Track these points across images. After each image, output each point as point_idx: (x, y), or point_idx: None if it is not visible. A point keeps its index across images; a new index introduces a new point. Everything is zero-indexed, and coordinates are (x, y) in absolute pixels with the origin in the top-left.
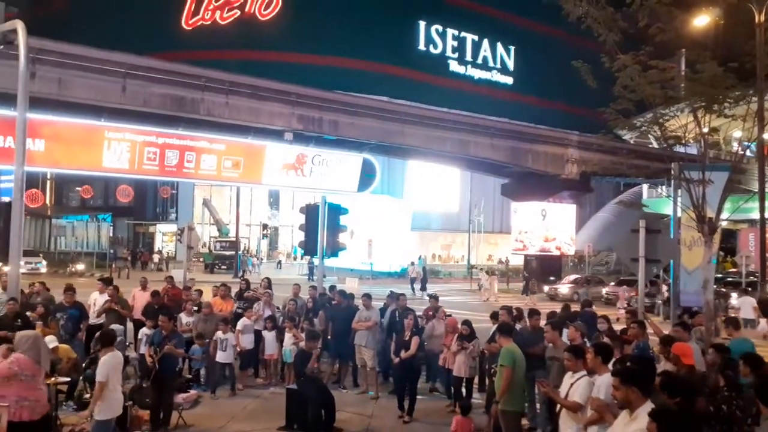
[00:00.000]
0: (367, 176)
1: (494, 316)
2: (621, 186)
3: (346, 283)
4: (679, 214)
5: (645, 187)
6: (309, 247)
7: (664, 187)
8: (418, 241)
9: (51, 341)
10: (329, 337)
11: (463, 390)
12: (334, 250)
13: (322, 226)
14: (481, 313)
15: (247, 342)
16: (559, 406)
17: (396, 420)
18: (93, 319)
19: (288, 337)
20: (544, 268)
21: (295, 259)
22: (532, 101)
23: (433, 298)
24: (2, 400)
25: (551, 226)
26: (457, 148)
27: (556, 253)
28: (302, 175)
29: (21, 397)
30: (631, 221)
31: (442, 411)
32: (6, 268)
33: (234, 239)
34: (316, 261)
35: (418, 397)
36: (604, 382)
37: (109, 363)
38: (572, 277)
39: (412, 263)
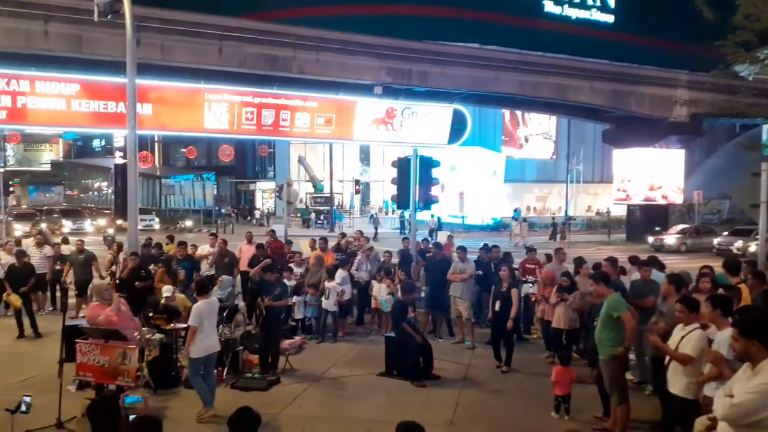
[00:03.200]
0: (457, 128)
1: (596, 267)
2: (737, 128)
3: (438, 236)
4: None
5: (765, 128)
6: (401, 200)
7: None
8: (511, 193)
9: (167, 291)
10: (423, 288)
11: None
12: (427, 203)
13: (414, 179)
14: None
15: (346, 292)
16: (668, 359)
17: (493, 369)
18: (206, 271)
19: (383, 288)
20: (648, 218)
21: (387, 213)
22: (635, 40)
23: (531, 250)
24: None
25: (657, 173)
26: (553, 94)
27: (662, 202)
28: (392, 129)
29: None
30: (749, 165)
31: (540, 362)
32: (109, 230)
33: (328, 195)
34: (407, 214)
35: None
36: (724, 337)
37: (201, 309)
38: (680, 227)
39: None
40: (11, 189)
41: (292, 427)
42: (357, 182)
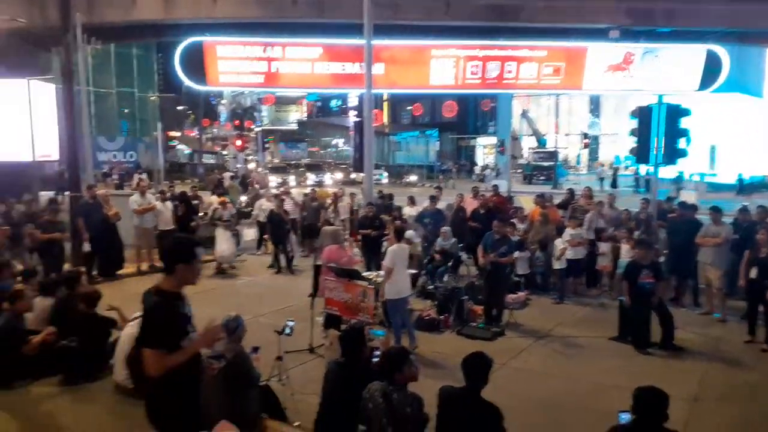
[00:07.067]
0: (711, 71)
1: None
2: None
3: (681, 196)
4: None
5: None
6: (642, 154)
7: None
8: None
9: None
10: (665, 251)
11: None
12: (672, 157)
13: (657, 130)
14: None
15: (574, 252)
16: None
17: (748, 346)
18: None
19: (625, 249)
20: None
21: (617, 169)
22: None
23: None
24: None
25: None
26: None
27: None
28: (629, 76)
29: None
30: None
31: None
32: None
33: (552, 150)
34: (642, 171)
35: None
36: None
37: (395, 252)
38: None
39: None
40: (266, 145)
41: (517, 378)
42: (585, 135)
